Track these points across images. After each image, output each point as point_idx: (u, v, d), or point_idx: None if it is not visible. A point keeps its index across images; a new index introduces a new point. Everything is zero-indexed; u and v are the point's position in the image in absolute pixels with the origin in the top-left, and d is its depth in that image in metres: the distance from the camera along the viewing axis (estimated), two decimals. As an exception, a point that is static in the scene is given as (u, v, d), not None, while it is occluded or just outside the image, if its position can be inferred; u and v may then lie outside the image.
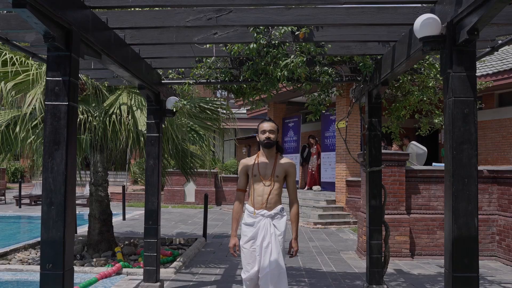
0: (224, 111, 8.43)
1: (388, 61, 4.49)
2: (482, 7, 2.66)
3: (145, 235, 5.56)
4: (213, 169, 18.88)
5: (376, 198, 5.39)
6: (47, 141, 3.01)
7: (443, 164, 9.50)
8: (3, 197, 19.60)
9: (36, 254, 8.09)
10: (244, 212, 4.19)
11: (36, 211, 15.95)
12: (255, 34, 4.21)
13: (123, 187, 15.27)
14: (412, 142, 9.89)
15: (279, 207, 4.09)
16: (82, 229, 10.16)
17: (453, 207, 2.94)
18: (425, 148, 9.50)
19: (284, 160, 4.13)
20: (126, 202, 14.93)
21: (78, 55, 3.18)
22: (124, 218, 13.63)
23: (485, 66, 14.86)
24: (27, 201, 18.17)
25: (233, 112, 8.85)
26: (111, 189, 19.06)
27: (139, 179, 23.17)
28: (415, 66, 5.05)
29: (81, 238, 8.69)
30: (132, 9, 3.99)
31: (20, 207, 17.02)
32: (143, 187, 21.24)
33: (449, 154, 3.00)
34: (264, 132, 4.03)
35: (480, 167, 8.95)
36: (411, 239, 8.42)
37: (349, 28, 4.22)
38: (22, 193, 18.20)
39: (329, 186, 14.86)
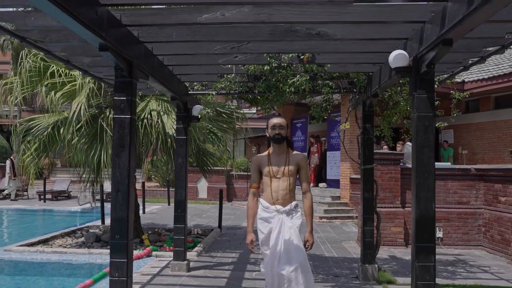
0: (238, 113, 9.49)
1: (377, 79, 5.50)
2: (434, 49, 3.67)
3: (174, 221, 6.64)
4: (229, 167, 19.98)
5: (369, 191, 6.40)
6: (115, 145, 4.07)
7: (437, 163, 10.48)
8: (26, 193, 20.80)
9: (72, 240, 9.18)
10: (258, 207, 4.23)
11: (59, 205, 17.15)
12: (268, 58, 5.26)
13: (143, 183, 16.39)
14: (408, 142, 10.87)
15: (293, 203, 4.11)
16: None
17: (416, 195, 3.96)
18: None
19: (296, 154, 4.18)
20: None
21: (136, 79, 4.24)
22: (144, 212, 14.71)
23: (482, 71, 15.76)
24: (48, 196, 19.35)
25: (244, 112, 9.90)
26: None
27: (153, 176, 24.22)
28: (400, 81, 6.05)
29: (111, 227, 9.79)
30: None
31: (44, 201, 18.22)
32: (157, 183, 22.38)
33: (414, 155, 4.01)
34: (274, 127, 4.08)
35: (468, 166, 9.94)
36: (405, 230, 9.41)
37: (345, 53, 5.22)
38: (45, 189, 19.58)
39: (334, 183, 15.86)
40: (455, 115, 6.56)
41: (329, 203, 14.34)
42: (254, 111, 21.91)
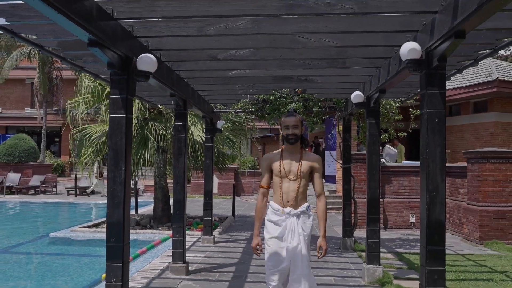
0: (248, 119, 11.81)
1: (350, 103, 7.74)
2: (376, 93, 5.91)
3: (204, 206, 8.95)
4: (236, 164, 22.28)
5: (348, 184, 8.67)
6: (175, 153, 6.35)
7: (411, 162, 12.75)
8: (54, 189, 23.17)
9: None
10: (267, 209, 3.98)
11: (89, 199, 19.52)
12: (273, 91, 7.53)
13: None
14: (386, 145, 13.11)
15: (305, 205, 3.87)
16: (143, 209, 13.69)
17: (368, 184, 6.21)
18: (396, 150, 12.75)
19: (310, 155, 3.97)
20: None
21: (187, 111, 6.51)
22: (165, 204, 17.02)
23: (461, 79, 17.94)
24: (74, 191, 21.70)
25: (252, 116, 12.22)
26: (145, 182, 22.58)
27: (168, 174, 26.36)
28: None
29: (147, 215, 12.12)
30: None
31: (75, 196, 20.60)
32: (171, 180, 24.64)
33: (367, 159, 6.26)
34: (287, 127, 3.84)
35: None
36: (385, 216, 11.67)
37: (326, 88, 7.47)
38: (68, 185, 22.18)
39: (331, 179, 18.13)
40: (412, 127, 8.80)
41: (326, 196, 16.57)
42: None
